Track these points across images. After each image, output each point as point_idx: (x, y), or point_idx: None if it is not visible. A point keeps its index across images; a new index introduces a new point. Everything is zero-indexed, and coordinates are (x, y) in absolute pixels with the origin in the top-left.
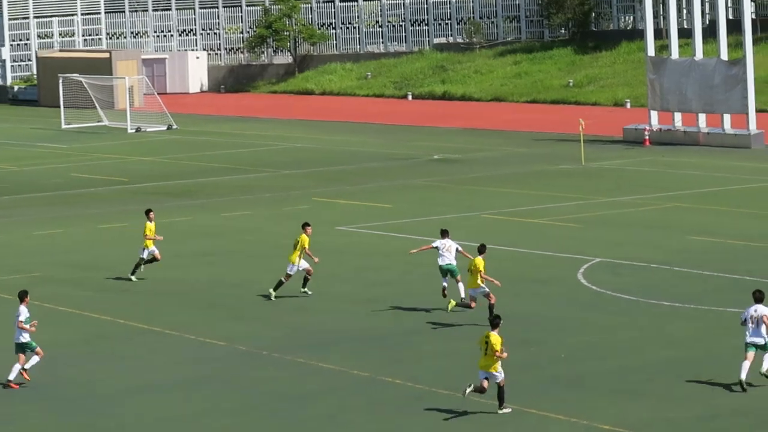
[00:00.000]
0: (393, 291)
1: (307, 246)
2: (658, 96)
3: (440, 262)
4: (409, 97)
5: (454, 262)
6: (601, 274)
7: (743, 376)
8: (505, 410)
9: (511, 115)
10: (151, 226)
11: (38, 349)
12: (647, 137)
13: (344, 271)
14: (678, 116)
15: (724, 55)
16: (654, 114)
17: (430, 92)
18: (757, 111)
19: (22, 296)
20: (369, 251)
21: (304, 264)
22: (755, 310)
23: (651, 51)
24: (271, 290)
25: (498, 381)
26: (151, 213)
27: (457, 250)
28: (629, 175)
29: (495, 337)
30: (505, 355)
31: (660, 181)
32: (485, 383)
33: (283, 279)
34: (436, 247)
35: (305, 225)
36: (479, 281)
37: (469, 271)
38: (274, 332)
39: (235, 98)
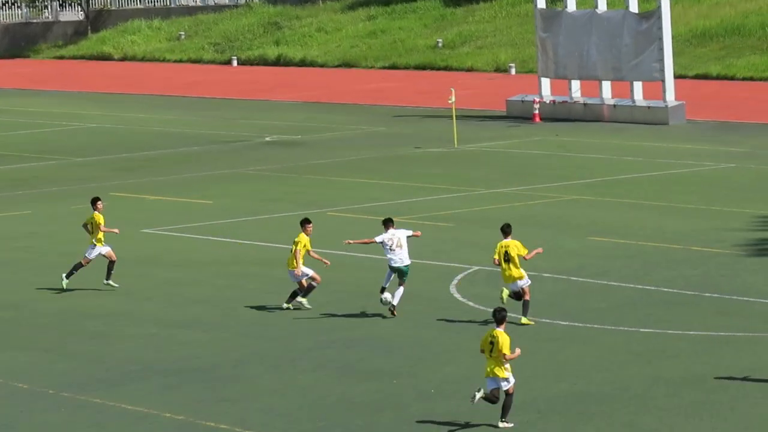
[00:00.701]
0: (213, 311)
1: (309, 247)
2: (551, 60)
3: (392, 263)
4: (234, 63)
5: (409, 262)
6: (480, 286)
7: None
8: (506, 425)
9: (365, 84)
10: (99, 218)
11: None
12: (537, 112)
13: (151, 285)
14: (576, 85)
15: (634, 6)
16: (546, 82)
17: (261, 56)
18: (677, 77)
19: None
20: (183, 260)
21: (307, 270)
22: None
23: (541, 1)
24: (286, 304)
25: (506, 388)
26: (99, 202)
27: (408, 237)
28: (515, 161)
29: (503, 336)
30: (517, 353)
31: (554, 167)
32: (496, 392)
33: (297, 290)
34: (382, 243)
35: (305, 222)
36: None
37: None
38: (64, 364)
39: (10, 66)
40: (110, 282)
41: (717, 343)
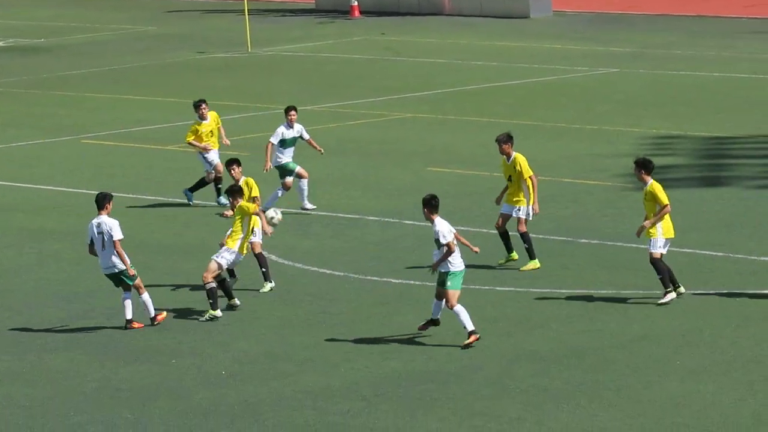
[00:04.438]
0: None
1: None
2: None
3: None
4: None
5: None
6: (286, 236)
7: None
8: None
9: None
10: None
11: None
12: (356, 3)
13: None
14: None
15: None
16: None
17: None
18: None
19: None
20: None
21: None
22: None
23: None
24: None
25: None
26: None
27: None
28: (328, 68)
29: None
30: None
31: (379, 76)
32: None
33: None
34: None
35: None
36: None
37: None
38: None
39: None
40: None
41: (597, 306)
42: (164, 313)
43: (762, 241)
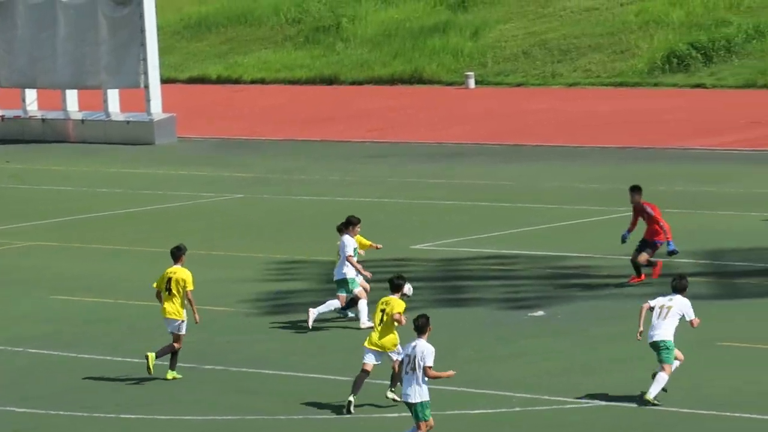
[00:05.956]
0: None
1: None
2: (1, 62)
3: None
4: None
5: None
6: None
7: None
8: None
9: None
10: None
11: None
12: None
13: None
14: (32, 95)
15: None
16: None
17: None
18: (165, 82)
19: None
20: None
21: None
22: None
23: None
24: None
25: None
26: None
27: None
28: None
29: (398, 303)
30: (404, 321)
31: (3, 204)
32: (370, 366)
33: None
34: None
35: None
36: None
37: None
38: None
39: None
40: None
41: None
42: None
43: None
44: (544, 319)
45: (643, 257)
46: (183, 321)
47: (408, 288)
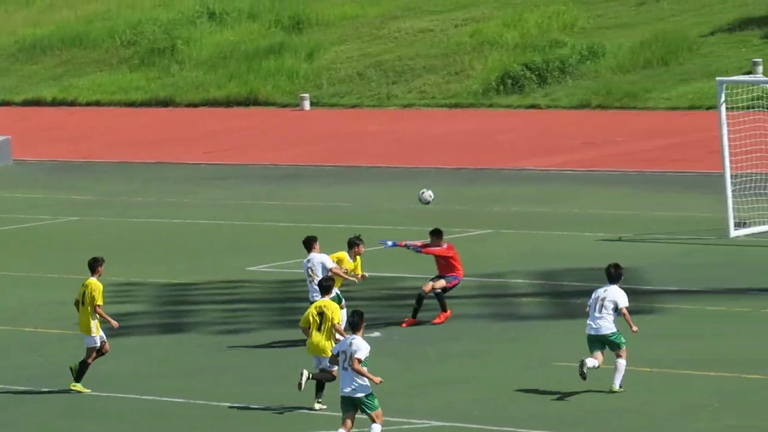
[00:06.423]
0: None
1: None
2: None
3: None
4: None
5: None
6: None
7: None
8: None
9: None
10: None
11: None
12: None
13: None
14: None
15: None
16: None
17: None
18: (0, 104)
19: None
20: None
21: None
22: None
23: None
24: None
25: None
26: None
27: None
28: None
29: (335, 306)
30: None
31: None
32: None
33: None
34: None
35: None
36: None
37: None
38: None
39: None
40: None
41: None
42: None
43: (223, 384)
44: (381, 340)
45: (428, 286)
46: (93, 336)
47: (430, 194)
